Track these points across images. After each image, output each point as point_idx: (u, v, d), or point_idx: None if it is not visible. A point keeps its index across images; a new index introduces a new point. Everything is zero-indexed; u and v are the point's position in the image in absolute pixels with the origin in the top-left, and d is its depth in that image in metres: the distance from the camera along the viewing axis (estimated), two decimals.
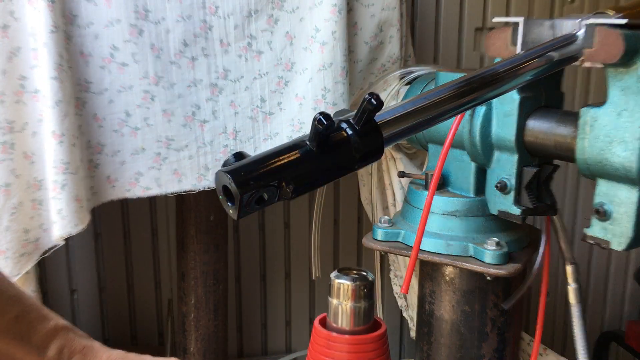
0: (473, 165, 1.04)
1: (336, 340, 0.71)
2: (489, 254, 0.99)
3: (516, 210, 0.94)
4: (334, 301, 0.71)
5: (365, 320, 0.72)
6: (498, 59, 0.92)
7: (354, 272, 0.71)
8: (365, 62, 1.38)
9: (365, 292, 0.71)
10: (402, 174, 1.18)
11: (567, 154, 0.87)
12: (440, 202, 1.05)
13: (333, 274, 0.71)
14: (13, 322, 0.71)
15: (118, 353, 0.81)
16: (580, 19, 0.80)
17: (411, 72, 1.35)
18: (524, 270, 1.01)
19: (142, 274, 1.85)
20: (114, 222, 1.80)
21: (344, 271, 0.72)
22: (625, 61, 0.76)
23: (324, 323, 0.73)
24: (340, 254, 1.96)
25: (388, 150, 1.40)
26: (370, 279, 0.71)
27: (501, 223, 1.04)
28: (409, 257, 0.98)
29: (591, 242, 0.84)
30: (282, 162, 0.55)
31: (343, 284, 0.71)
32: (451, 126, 0.96)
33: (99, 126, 1.24)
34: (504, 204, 0.95)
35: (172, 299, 1.86)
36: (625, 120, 0.78)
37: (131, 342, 1.89)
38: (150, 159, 1.27)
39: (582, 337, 1.05)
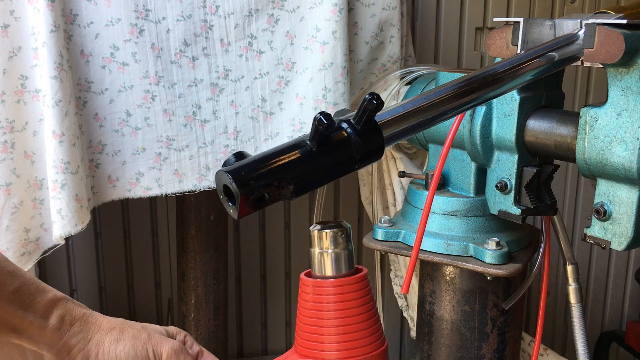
0: (473, 165, 1.04)
1: (322, 285, 0.75)
2: (489, 254, 0.99)
3: (516, 210, 0.94)
4: (316, 250, 0.76)
5: (347, 266, 0.76)
6: (498, 59, 0.92)
7: (332, 222, 0.76)
8: (366, 62, 1.39)
9: (343, 237, 0.76)
10: (402, 174, 1.18)
11: (567, 153, 0.87)
12: (441, 202, 1.05)
13: (312, 227, 0.76)
14: (14, 294, 0.74)
15: (117, 319, 0.83)
16: (580, 19, 0.80)
17: (411, 72, 1.35)
18: (524, 270, 1.01)
19: (142, 274, 1.85)
20: (115, 222, 1.80)
21: (321, 224, 0.77)
22: (625, 61, 0.76)
23: (308, 277, 0.79)
24: None
25: (388, 150, 1.40)
26: (347, 226, 0.77)
27: (501, 223, 1.04)
28: (409, 257, 0.98)
29: (591, 242, 0.84)
30: (283, 162, 0.55)
31: (323, 232, 0.76)
32: (451, 126, 0.96)
33: (99, 126, 1.24)
34: (504, 203, 0.95)
35: (172, 298, 1.86)
36: (625, 120, 0.78)
37: None
38: (150, 159, 1.27)
39: (583, 337, 1.05)
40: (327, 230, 0.76)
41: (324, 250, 0.76)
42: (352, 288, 0.76)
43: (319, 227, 0.77)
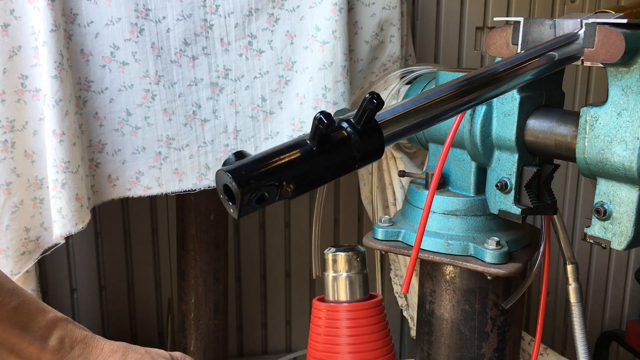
0: (473, 164, 1.04)
1: (336, 309, 0.73)
2: (489, 253, 0.99)
3: (516, 210, 0.94)
4: (330, 274, 0.74)
5: (362, 292, 0.74)
6: (499, 59, 0.92)
7: (347, 246, 0.75)
8: (366, 61, 1.39)
9: (358, 261, 0.74)
10: (402, 173, 1.18)
11: (568, 153, 0.87)
12: (441, 202, 1.05)
13: (327, 250, 0.74)
14: (13, 312, 0.71)
15: (120, 343, 0.80)
16: (581, 19, 0.80)
17: (412, 72, 1.35)
18: (524, 269, 1.01)
19: (143, 273, 1.85)
20: (115, 221, 1.80)
21: (336, 247, 0.75)
22: (625, 61, 0.76)
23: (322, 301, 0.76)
24: None
25: (388, 149, 1.40)
26: (362, 250, 0.75)
27: (501, 222, 1.04)
28: (409, 256, 0.98)
29: (591, 241, 0.84)
30: (283, 161, 0.55)
31: (338, 256, 0.74)
32: (451, 125, 0.96)
33: (99, 125, 1.24)
34: (504, 203, 0.95)
35: (172, 298, 1.86)
36: (626, 120, 0.78)
37: (131, 341, 1.88)
38: (150, 158, 1.27)
39: (583, 337, 1.05)
40: (342, 254, 0.74)
41: (338, 274, 0.74)
42: (367, 313, 0.74)
43: (333, 250, 0.75)
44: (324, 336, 0.74)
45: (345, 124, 0.57)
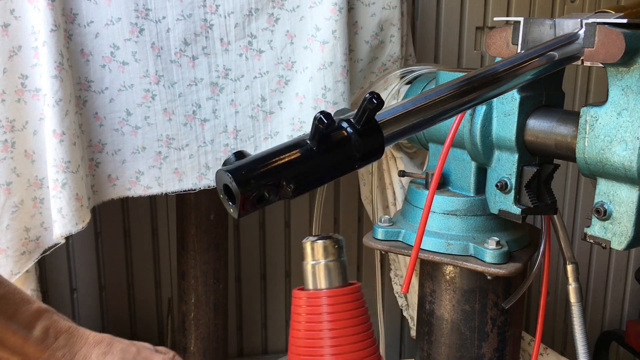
0: (473, 164, 1.04)
1: (315, 296, 0.74)
2: (489, 253, 0.99)
3: (516, 210, 0.94)
4: (308, 262, 0.74)
5: (340, 279, 0.75)
6: (499, 59, 0.92)
7: (324, 235, 0.75)
8: (366, 61, 1.39)
9: (336, 248, 0.74)
10: (402, 173, 1.18)
11: (568, 153, 0.87)
12: (441, 202, 1.05)
13: (304, 239, 0.75)
14: None
15: (104, 334, 0.81)
16: (581, 19, 0.80)
17: (412, 72, 1.35)
18: (524, 269, 1.01)
19: (143, 273, 1.85)
20: (115, 221, 1.80)
21: (314, 236, 0.76)
22: (625, 60, 0.76)
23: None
24: None
25: (388, 149, 1.40)
26: (339, 238, 0.75)
27: (501, 222, 1.04)
28: (409, 256, 0.98)
29: (591, 241, 0.84)
30: (283, 161, 0.55)
31: (315, 244, 0.74)
32: (451, 125, 0.96)
33: (99, 125, 1.24)
34: (504, 203, 0.95)
35: (172, 298, 1.86)
36: (626, 120, 0.78)
37: None
38: (150, 158, 1.27)
39: (583, 337, 1.05)
40: (319, 242, 0.75)
41: (316, 262, 0.75)
42: (347, 299, 0.75)
43: (311, 239, 0.76)
44: (305, 323, 0.75)
45: (345, 124, 0.57)
